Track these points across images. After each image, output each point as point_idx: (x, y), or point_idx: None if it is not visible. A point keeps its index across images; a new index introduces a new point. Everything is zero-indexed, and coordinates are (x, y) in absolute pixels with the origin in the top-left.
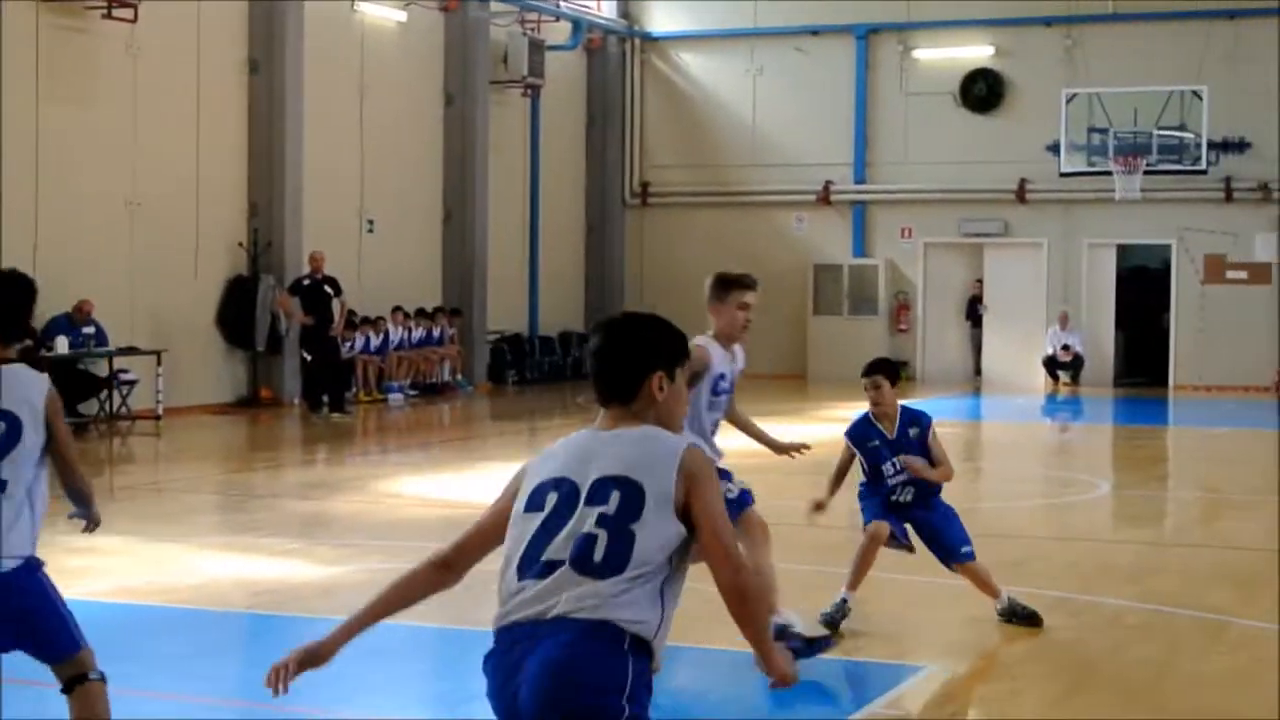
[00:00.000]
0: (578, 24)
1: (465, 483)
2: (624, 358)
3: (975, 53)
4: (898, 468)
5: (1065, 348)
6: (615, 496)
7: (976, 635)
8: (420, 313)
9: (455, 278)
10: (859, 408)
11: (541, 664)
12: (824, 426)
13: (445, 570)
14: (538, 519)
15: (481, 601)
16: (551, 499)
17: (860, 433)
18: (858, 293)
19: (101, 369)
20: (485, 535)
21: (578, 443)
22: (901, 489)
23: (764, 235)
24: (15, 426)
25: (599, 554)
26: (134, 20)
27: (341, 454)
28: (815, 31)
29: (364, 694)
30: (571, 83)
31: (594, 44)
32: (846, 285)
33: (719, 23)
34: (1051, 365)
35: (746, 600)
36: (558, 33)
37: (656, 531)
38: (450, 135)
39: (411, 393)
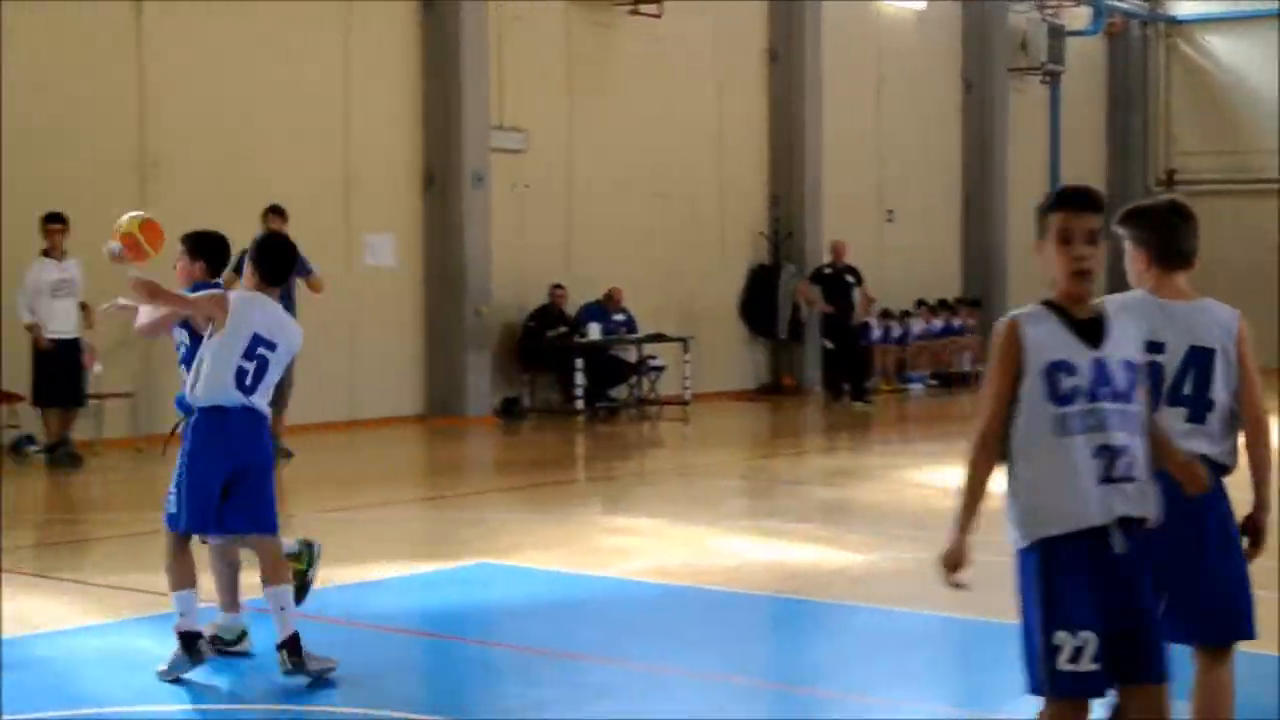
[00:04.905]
0: (1099, 9)
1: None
2: None
3: None
4: None
5: None
6: None
7: None
8: (942, 304)
9: (975, 267)
10: None
11: None
12: None
13: None
14: None
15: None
16: None
17: None
18: None
19: (631, 355)
20: None
21: None
22: None
23: None
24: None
25: None
26: (658, 15)
27: (863, 442)
28: None
29: (895, 684)
30: (1092, 69)
31: (1115, 29)
32: None
33: (1247, 4)
34: None
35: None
36: (1077, 18)
37: None
38: (969, 123)
39: (931, 382)
